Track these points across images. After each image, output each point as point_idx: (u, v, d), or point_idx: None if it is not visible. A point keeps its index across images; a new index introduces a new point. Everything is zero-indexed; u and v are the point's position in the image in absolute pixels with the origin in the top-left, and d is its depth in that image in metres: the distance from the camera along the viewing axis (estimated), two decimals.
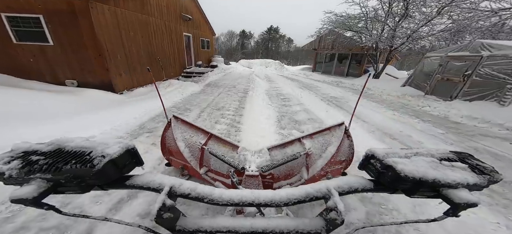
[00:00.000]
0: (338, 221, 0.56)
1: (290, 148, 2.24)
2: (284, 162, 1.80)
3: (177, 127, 2.45)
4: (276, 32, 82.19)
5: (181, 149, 2.28)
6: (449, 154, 0.68)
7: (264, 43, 78.48)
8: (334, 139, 2.25)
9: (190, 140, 2.37)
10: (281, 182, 2.16)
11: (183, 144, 2.34)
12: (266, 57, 71.94)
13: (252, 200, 0.61)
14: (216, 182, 2.06)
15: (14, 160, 0.56)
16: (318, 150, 2.21)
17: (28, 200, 0.51)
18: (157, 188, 0.63)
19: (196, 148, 2.28)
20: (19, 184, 0.56)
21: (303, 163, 2.11)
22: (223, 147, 2.32)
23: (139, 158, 0.70)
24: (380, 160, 0.64)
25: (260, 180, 1.48)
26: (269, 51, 77.50)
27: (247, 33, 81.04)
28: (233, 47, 74.05)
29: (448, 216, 0.58)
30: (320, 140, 2.28)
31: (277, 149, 2.25)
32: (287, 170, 2.19)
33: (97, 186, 0.62)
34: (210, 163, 2.29)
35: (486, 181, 0.57)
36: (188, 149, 2.33)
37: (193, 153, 2.33)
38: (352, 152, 2.32)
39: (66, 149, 0.62)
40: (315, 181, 1.88)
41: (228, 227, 0.59)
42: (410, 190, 0.60)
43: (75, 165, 0.55)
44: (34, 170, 0.55)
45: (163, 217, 0.56)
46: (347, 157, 2.34)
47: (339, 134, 2.25)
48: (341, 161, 2.34)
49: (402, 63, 31.80)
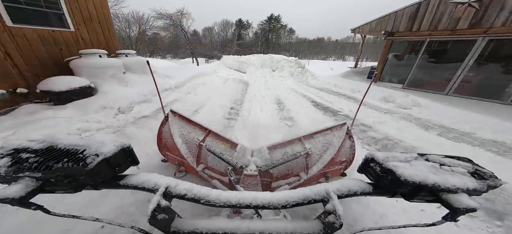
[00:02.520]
0: (337, 225, 0.55)
1: (290, 147, 2.18)
2: (283, 161, 1.80)
3: (175, 122, 2.40)
4: (278, 22, 71.69)
5: (178, 145, 2.24)
6: (449, 159, 0.67)
7: (264, 34, 67.56)
8: (336, 139, 2.24)
9: (187, 136, 2.32)
10: (280, 181, 2.12)
11: (180, 139, 2.30)
12: (266, 50, 63.32)
13: (249, 202, 0.60)
14: (214, 180, 2.02)
15: (3, 157, 0.55)
16: (319, 149, 2.20)
17: (15, 200, 0.49)
18: (152, 188, 0.62)
19: (194, 144, 2.23)
20: (7, 183, 0.54)
21: (303, 162, 2.09)
22: (221, 144, 2.21)
23: (134, 157, 0.68)
24: (380, 164, 0.63)
25: (258, 179, 1.45)
26: (270, 44, 67.11)
27: (245, 23, 70.09)
28: (229, 39, 63.27)
29: (446, 221, 0.56)
30: (321, 139, 2.25)
31: (277, 148, 2.17)
32: (287, 169, 2.15)
33: (90, 186, 0.59)
34: (207, 160, 2.23)
35: (485, 186, 0.57)
36: (186, 145, 2.29)
37: (191, 149, 2.27)
38: (353, 153, 2.33)
39: (59, 147, 0.60)
40: (314, 181, 2.17)
41: (224, 229, 0.58)
42: (410, 194, 0.60)
43: (67, 163, 0.54)
44: (23, 168, 0.53)
45: (157, 218, 0.54)
46: (348, 157, 2.35)
47: (341, 134, 2.26)
48: (341, 161, 2.34)
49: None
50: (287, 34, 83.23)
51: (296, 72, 11.05)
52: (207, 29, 68.41)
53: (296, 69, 11.37)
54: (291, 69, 11.33)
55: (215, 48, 56.48)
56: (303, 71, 11.19)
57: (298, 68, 11.47)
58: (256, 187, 1.38)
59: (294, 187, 2.02)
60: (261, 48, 59.20)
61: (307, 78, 10.45)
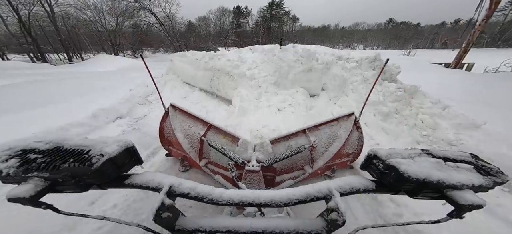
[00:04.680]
0: (339, 222, 0.55)
1: (294, 140, 2.14)
2: (287, 156, 1.75)
3: (175, 117, 2.38)
4: (280, 8, 63.90)
5: (180, 140, 2.23)
6: (454, 155, 0.66)
7: (265, 22, 59.97)
8: (342, 130, 2.16)
9: (189, 131, 2.29)
10: (283, 175, 2.10)
11: (181, 134, 2.28)
12: (269, 40, 55.78)
13: (252, 200, 0.60)
14: (217, 175, 2.05)
15: (12, 158, 0.55)
16: (325, 142, 2.13)
17: (26, 199, 0.50)
18: (156, 187, 0.62)
19: (195, 139, 2.20)
20: (17, 183, 0.55)
21: (307, 156, 2.06)
22: (223, 138, 2.18)
23: (138, 157, 0.68)
24: (383, 161, 0.62)
25: (261, 175, 1.43)
26: (272, 33, 59.65)
27: (243, 10, 62.48)
28: (226, 29, 56.02)
29: (451, 218, 0.56)
30: (327, 131, 2.18)
31: (280, 142, 2.14)
32: (291, 163, 2.13)
33: (96, 185, 0.60)
34: (210, 154, 2.23)
35: (491, 182, 0.56)
36: (188, 140, 2.27)
37: (193, 144, 2.26)
38: (361, 145, 2.28)
39: (64, 148, 0.60)
40: (320, 174, 2.23)
41: (227, 227, 0.59)
42: (413, 191, 0.59)
43: (73, 163, 0.54)
44: (32, 169, 0.54)
45: (162, 217, 0.55)
46: (355, 149, 2.29)
47: (348, 125, 2.17)
48: (348, 153, 2.29)
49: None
50: (290, 22, 75.82)
51: (391, 102, 4.19)
52: (202, 19, 61.15)
53: (386, 88, 4.42)
54: (378, 96, 4.59)
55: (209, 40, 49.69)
56: (407, 94, 4.18)
57: (390, 83, 4.54)
58: (258, 183, 1.38)
59: (298, 181, 2.02)
60: (263, 38, 51.89)
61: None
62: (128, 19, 25.39)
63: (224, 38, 40.68)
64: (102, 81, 6.56)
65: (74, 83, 6.17)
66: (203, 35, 56.33)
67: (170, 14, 27.05)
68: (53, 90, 5.20)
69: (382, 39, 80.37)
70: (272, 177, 1.81)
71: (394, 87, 4.38)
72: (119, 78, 7.26)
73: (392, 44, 75.40)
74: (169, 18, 27.32)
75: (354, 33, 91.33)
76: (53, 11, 18.44)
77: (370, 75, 4.89)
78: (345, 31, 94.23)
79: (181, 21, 37.01)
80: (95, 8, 25.04)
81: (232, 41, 38.93)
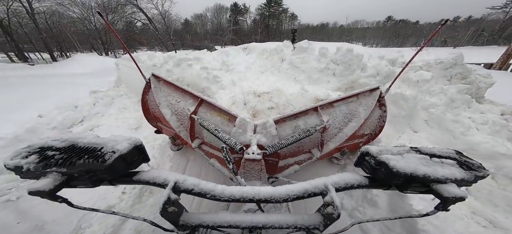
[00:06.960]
0: (335, 215, 0.58)
1: (302, 119, 1.78)
2: (294, 140, 1.52)
3: (159, 89, 2.07)
4: (279, 5, 62.40)
5: (167, 117, 1.97)
6: (440, 151, 0.69)
7: (263, 20, 58.57)
8: (362, 108, 1.87)
9: (176, 106, 1.99)
10: (288, 159, 1.85)
11: (168, 110, 2.00)
12: (267, 38, 54.35)
13: (252, 196, 0.63)
14: (212, 159, 1.85)
15: (31, 155, 0.59)
16: (339, 122, 1.85)
17: (45, 192, 0.53)
18: (162, 184, 0.65)
19: (185, 115, 1.93)
20: (35, 178, 0.58)
21: (317, 138, 1.78)
22: (217, 116, 1.85)
23: (145, 155, 0.71)
24: (374, 157, 0.65)
25: (262, 164, 1.25)
26: (270, 31, 58.20)
27: (241, 7, 60.90)
28: (223, 27, 54.65)
29: (439, 211, 0.59)
30: (343, 109, 1.87)
31: (286, 121, 1.77)
32: (296, 145, 1.83)
33: (107, 181, 0.63)
34: (203, 134, 1.94)
35: (473, 176, 0.59)
36: (176, 117, 2.00)
37: (183, 122, 1.98)
38: (381, 126, 2.00)
39: (79, 145, 0.64)
40: (328, 157, 2.02)
41: (229, 222, 0.63)
42: (403, 185, 0.62)
43: (88, 159, 0.57)
44: (51, 164, 0.57)
45: (168, 211, 0.59)
46: (373, 130, 2.03)
47: (370, 102, 1.87)
48: (364, 134, 2.03)
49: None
50: (288, 20, 74.28)
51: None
52: (198, 17, 59.57)
53: (481, 115, 2.62)
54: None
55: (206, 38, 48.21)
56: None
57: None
58: (259, 173, 1.23)
59: (305, 166, 1.83)
60: (261, 36, 50.50)
61: None
62: (111, 14, 23.84)
63: (220, 36, 39.21)
64: (36, 87, 5.32)
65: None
66: (200, 33, 54.89)
67: (163, 11, 25.59)
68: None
69: (381, 37, 79.31)
70: (275, 162, 1.68)
71: (496, 113, 2.65)
72: (68, 84, 6.00)
73: (391, 42, 74.38)
74: (162, 15, 25.86)
75: (353, 31, 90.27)
76: (32, 8, 16.92)
77: (454, 91, 3.03)
78: (344, 30, 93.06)
79: (176, 19, 35.48)
80: (82, 5, 23.49)
81: (229, 40, 37.49)
